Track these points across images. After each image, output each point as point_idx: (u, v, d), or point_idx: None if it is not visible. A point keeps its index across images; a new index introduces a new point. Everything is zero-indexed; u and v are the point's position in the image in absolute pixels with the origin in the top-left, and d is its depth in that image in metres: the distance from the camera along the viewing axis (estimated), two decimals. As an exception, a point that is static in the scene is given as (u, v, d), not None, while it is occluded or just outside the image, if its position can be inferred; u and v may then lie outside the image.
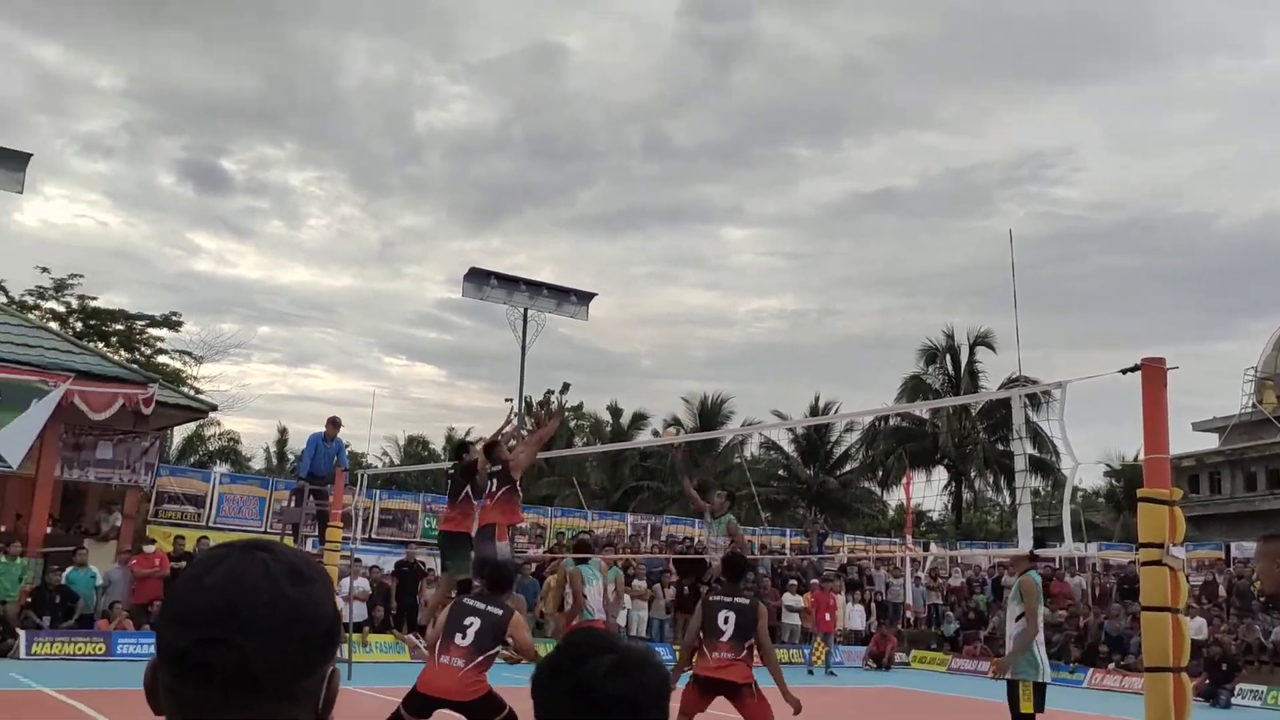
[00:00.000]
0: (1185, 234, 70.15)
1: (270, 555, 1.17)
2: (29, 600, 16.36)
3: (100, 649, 15.61)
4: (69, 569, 17.18)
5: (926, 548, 32.59)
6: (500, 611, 6.99)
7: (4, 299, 31.63)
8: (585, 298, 24.56)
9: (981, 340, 41.22)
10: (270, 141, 72.74)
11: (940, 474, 42.15)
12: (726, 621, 7.77)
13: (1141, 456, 5.69)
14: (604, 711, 1.42)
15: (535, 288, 23.87)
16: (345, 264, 75.11)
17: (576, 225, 76.34)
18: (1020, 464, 8.27)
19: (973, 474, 41.91)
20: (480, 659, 6.74)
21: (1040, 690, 8.25)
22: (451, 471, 10.34)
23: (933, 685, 18.73)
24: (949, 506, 43.53)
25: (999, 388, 35.43)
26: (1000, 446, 39.64)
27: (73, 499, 22.02)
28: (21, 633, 15.42)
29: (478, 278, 23.16)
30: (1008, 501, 41.57)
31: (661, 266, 77.45)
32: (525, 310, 23.39)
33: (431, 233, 75.01)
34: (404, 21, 73.85)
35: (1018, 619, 8.42)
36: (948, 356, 41.90)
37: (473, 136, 75.63)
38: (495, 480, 10.18)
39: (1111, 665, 20.46)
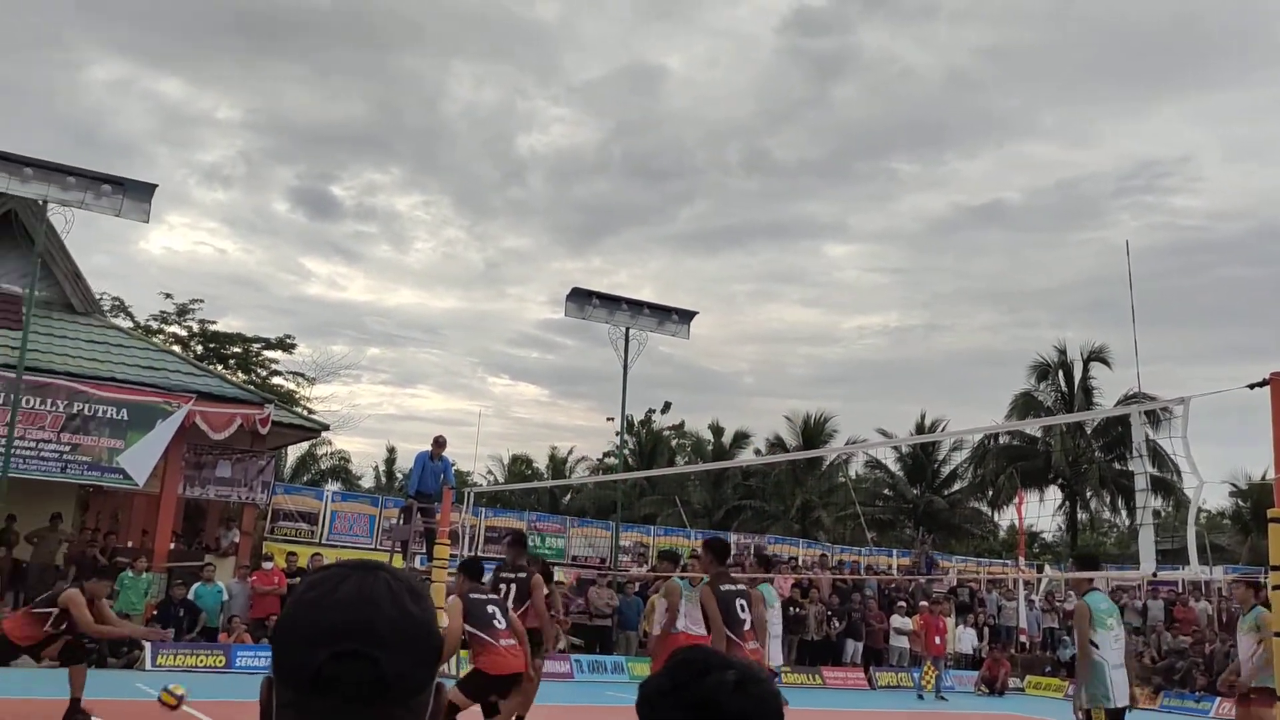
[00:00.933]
0: (1315, 242, 66.91)
1: (389, 574, 1.22)
2: (154, 613, 17.01)
3: (221, 661, 16.12)
4: (196, 584, 17.82)
5: (1040, 570, 31.61)
6: (524, 574, 8.28)
7: (131, 324, 33.12)
8: (687, 316, 24.53)
9: (1096, 355, 39.87)
10: (378, 168, 74.86)
11: (1054, 494, 40.85)
12: (743, 610, 8.07)
13: (1270, 475, 5.41)
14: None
15: (637, 307, 23.94)
16: (450, 286, 76.73)
17: (676, 243, 76.63)
18: (1140, 483, 7.96)
19: (1088, 494, 40.46)
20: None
21: (1116, 715, 8.05)
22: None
23: (1049, 712, 18.09)
24: (1063, 527, 42.15)
25: (1116, 404, 34.24)
26: (1117, 466, 38.24)
27: (193, 516, 22.87)
28: (147, 644, 16.03)
29: (580, 297, 23.33)
30: (1126, 523, 40.03)
31: (762, 283, 77.16)
32: (627, 329, 23.46)
33: (533, 254, 76.14)
34: (506, 46, 75.37)
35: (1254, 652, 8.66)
36: (1060, 373, 40.63)
37: (573, 158, 76.62)
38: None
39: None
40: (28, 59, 64.23)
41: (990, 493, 41.40)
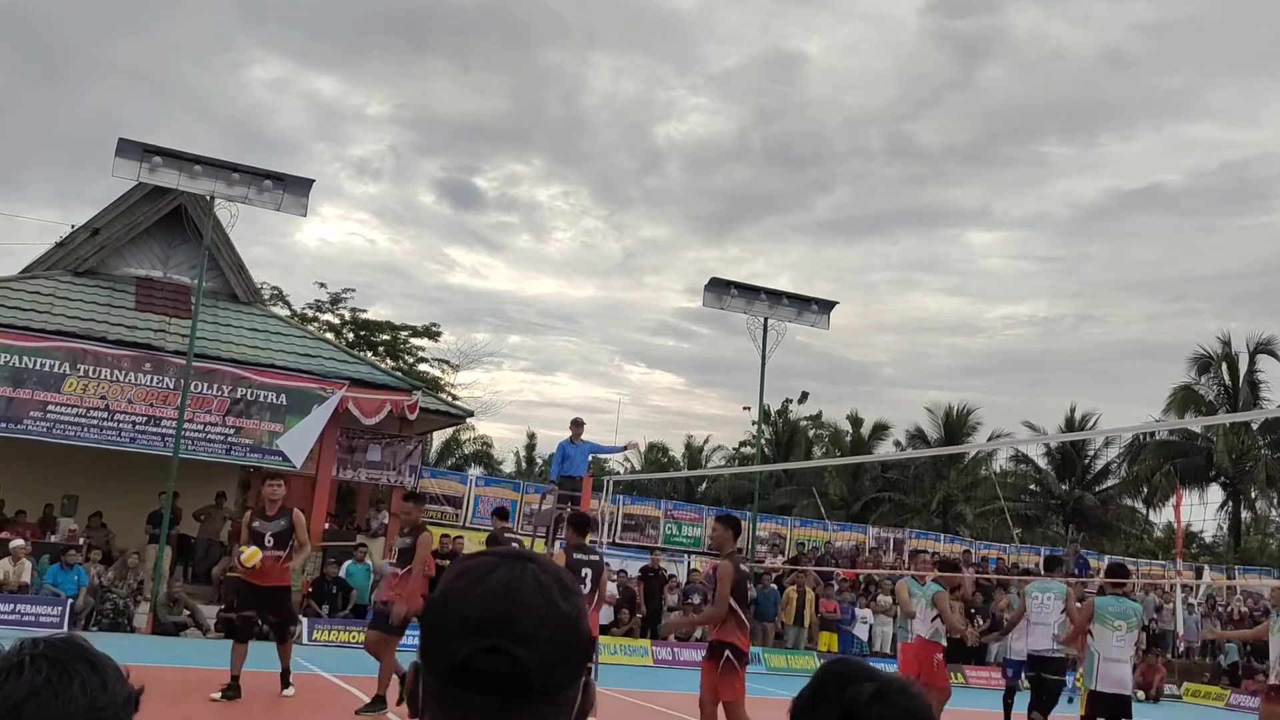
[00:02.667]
0: None
1: (538, 567, 1.19)
2: (309, 590, 17.81)
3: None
4: (348, 562, 18.57)
5: (1199, 573, 30.11)
6: (598, 557, 9.39)
7: (288, 312, 34.65)
8: (827, 306, 24.20)
9: (1264, 348, 37.63)
10: (519, 159, 76.21)
11: (1215, 492, 38.80)
12: (584, 580, 8.95)
13: None
14: None
15: (775, 297, 23.73)
16: (588, 275, 77.57)
17: (814, 231, 75.66)
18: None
19: (1253, 493, 38.29)
20: None
21: (1095, 698, 9.11)
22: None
23: (1208, 722, 17.26)
24: (1224, 528, 40.01)
25: (1284, 399, 32.28)
26: (1286, 464, 36.09)
27: (345, 497, 23.82)
28: (304, 620, 16.79)
29: (718, 287, 23.28)
30: (1295, 524, 37.77)
31: (903, 272, 75.49)
32: (765, 320, 23.30)
33: (670, 243, 76.33)
34: (644, 37, 75.55)
35: None
36: (1224, 365, 38.51)
37: (711, 146, 76.39)
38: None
39: None
40: (197, 62, 67.84)
41: (1145, 490, 39.60)
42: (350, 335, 36.98)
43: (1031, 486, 41.88)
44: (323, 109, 68.67)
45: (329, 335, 32.23)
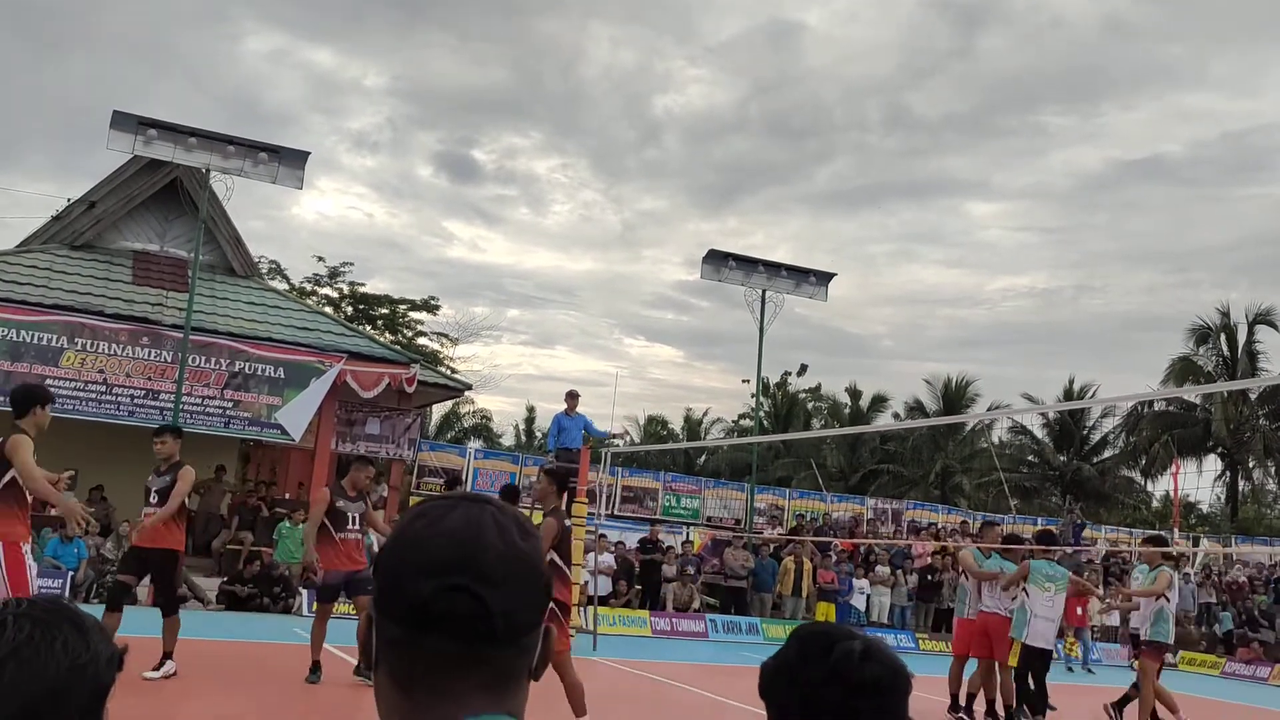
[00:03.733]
0: None
1: (496, 508, 1.16)
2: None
3: (370, 609, 16.85)
4: (343, 534, 18.64)
5: (1196, 542, 30.23)
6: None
7: (286, 286, 34.63)
8: (824, 278, 24.17)
9: (1263, 318, 37.62)
10: (517, 132, 75.86)
11: (1213, 463, 38.90)
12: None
13: None
14: (861, 693, 1.46)
15: (773, 269, 23.70)
16: (587, 248, 77.45)
17: (814, 203, 75.48)
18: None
19: (1251, 464, 38.41)
20: None
21: (1026, 650, 10.09)
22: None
23: (1203, 689, 17.39)
24: (1222, 498, 40.16)
25: (1283, 370, 32.30)
26: (1284, 434, 36.18)
27: (345, 471, 23.84)
28: (303, 592, 16.88)
29: (716, 259, 23.24)
30: (1292, 494, 37.89)
31: (902, 243, 75.41)
32: (763, 292, 23.27)
33: (669, 215, 76.15)
34: (642, 8, 75.06)
35: None
36: (1222, 336, 38.51)
37: (710, 118, 76.05)
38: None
39: None
40: (192, 32, 67.40)
41: (1143, 461, 39.73)
42: (349, 309, 36.98)
43: (1030, 458, 42.00)
44: (319, 81, 68.40)
45: (327, 309, 32.21)
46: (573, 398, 17.03)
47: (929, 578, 21.58)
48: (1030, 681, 10.29)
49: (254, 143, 18.78)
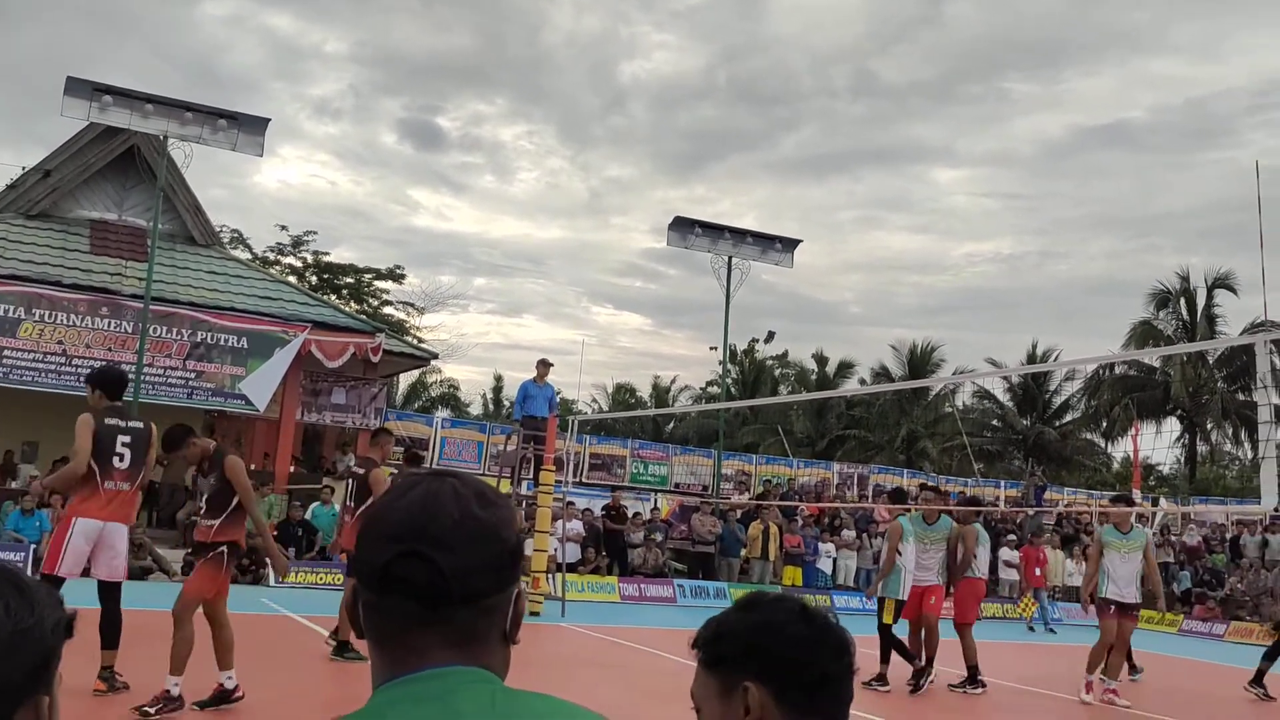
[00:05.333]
0: None
1: (458, 480, 1.25)
2: (275, 533, 17.80)
3: (338, 579, 16.81)
4: (314, 504, 18.57)
5: (1156, 503, 30.77)
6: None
7: (249, 255, 34.22)
8: (790, 244, 24.21)
9: (1221, 283, 38.14)
10: (482, 99, 75.26)
11: (1172, 425, 39.55)
12: (124, 448, 7.80)
13: None
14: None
15: (739, 235, 23.72)
16: (554, 215, 77.14)
17: (781, 170, 75.47)
18: (1265, 415, 7.66)
19: (1209, 426, 39.07)
20: None
21: (900, 605, 10.55)
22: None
23: (1161, 646, 17.77)
24: (1181, 460, 40.87)
25: (1241, 333, 32.81)
26: (1241, 396, 36.77)
27: (311, 441, 23.77)
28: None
29: (682, 226, 23.21)
30: (1248, 455, 38.60)
31: (869, 210, 75.70)
32: (729, 258, 23.29)
33: (636, 183, 75.93)
34: (608, -28, 74.32)
35: None
36: (1182, 300, 39.03)
37: (676, 85, 75.69)
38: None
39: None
40: (145, -3, 66.00)
41: (1104, 424, 40.31)
42: (313, 278, 36.63)
43: (994, 422, 42.46)
44: (279, 46, 67.34)
45: (291, 279, 31.88)
46: (544, 366, 16.98)
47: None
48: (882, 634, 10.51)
49: (213, 109, 18.49)
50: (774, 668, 1.47)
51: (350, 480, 10.39)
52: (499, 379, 49.95)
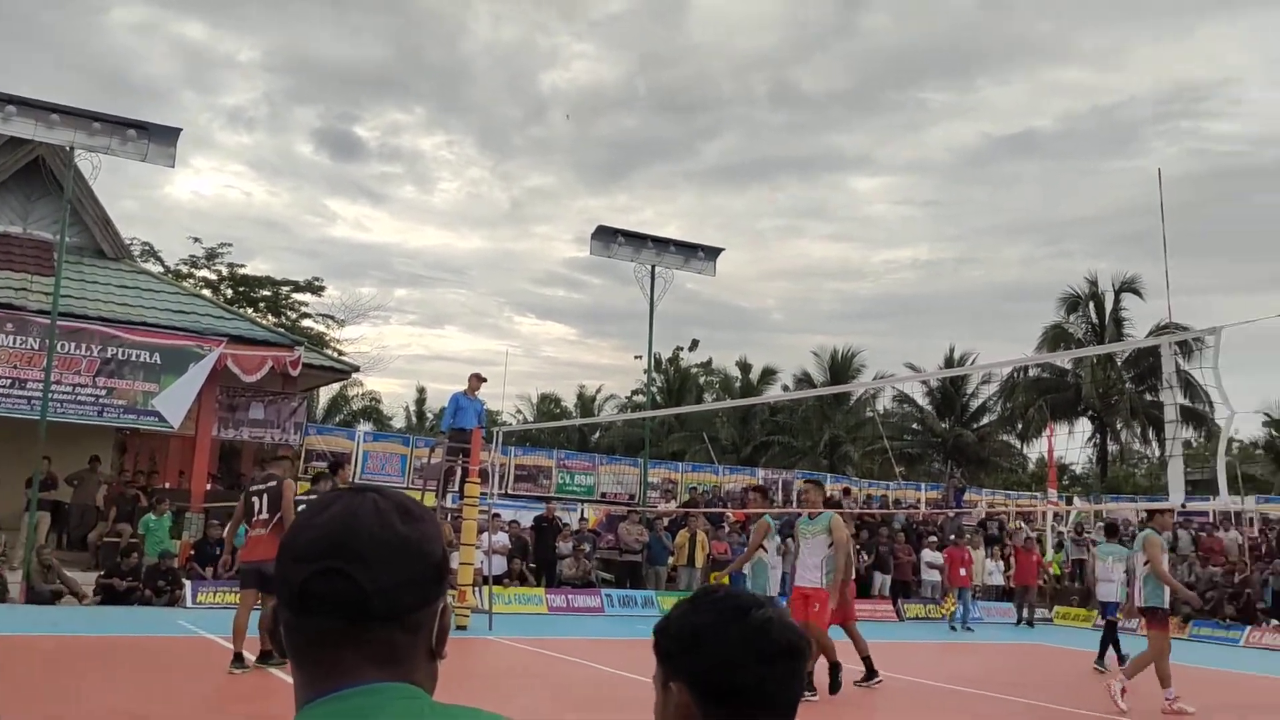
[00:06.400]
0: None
1: (379, 495, 1.21)
2: (192, 552, 17.36)
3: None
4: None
5: (1069, 502, 31.61)
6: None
7: (161, 269, 33.38)
8: (713, 253, 24.40)
9: (1128, 287, 39.41)
10: (400, 108, 74.38)
11: (1084, 426, 40.71)
12: None
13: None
14: (779, 659, 1.47)
15: (662, 244, 23.83)
16: (475, 225, 76.56)
17: (703, 179, 75.98)
18: (1170, 414, 7.92)
19: (1119, 426, 40.30)
20: None
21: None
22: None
23: (1077, 642, 18.23)
24: (1093, 460, 42.08)
25: (1147, 336, 33.89)
26: (1149, 397, 38.00)
27: (229, 457, 23.23)
28: (187, 583, 16.40)
29: (605, 235, 23.24)
30: (1156, 454, 39.88)
31: (790, 218, 76.52)
32: (653, 267, 23.37)
33: (558, 192, 75.77)
34: (527, -18, 74.19)
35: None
36: (1091, 304, 40.24)
37: (596, 94, 75.80)
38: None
39: (1274, 623, 19.52)
40: (55, 4, 64.06)
41: (1020, 426, 41.31)
42: (229, 292, 35.86)
43: (914, 426, 43.24)
44: (191, 55, 65.77)
45: (205, 292, 31.18)
46: (478, 379, 16.89)
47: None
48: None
49: (122, 119, 17.99)
50: (699, 672, 1.48)
51: (260, 495, 10.29)
52: (422, 391, 49.46)
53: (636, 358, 50.79)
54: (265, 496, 10.27)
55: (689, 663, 1.48)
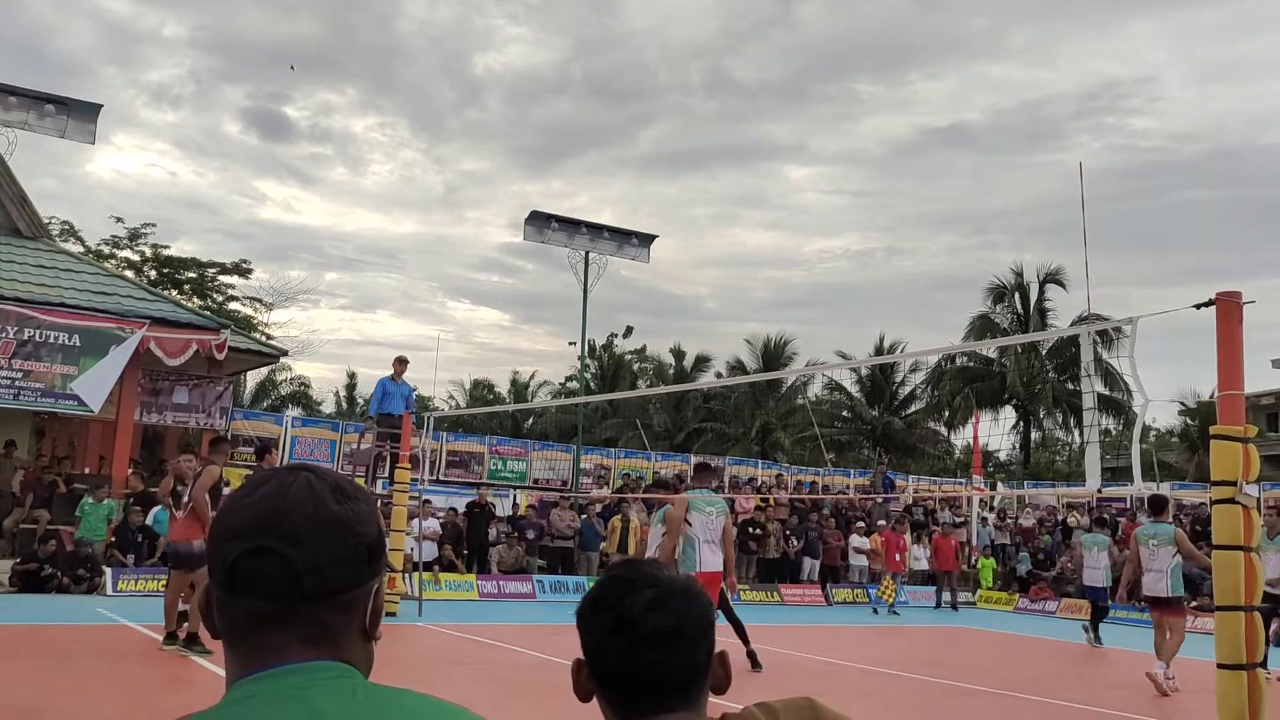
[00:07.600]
0: (1276, 164, 67.55)
1: (314, 474, 1.21)
2: (113, 539, 16.97)
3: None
4: (155, 509, 17.75)
5: (993, 488, 32.29)
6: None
7: (81, 248, 32.46)
8: (646, 240, 24.44)
9: (1052, 278, 40.35)
10: (332, 88, 73.21)
11: (1008, 414, 41.62)
12: None
13: (1217, 394, 5.53)
14: (648, 645, 1.46)
15: (596, 230, 23.81)
16: (408, 209, 75.79)
17: (637, 166, 76.03)
18: (1089, 402, 8.13)
19: (1041, 414, 41.29)
20: None
21: (707, 578, 10.11)
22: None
23: (1000, 624, 18.67)
24: (1017, 447, 43.05)
25: (1069, 326, 34.71)
26: (1070, 385, 38.96)
27: (151, 442, 22.72)
28: (108, 570, 16.03)
29: (538, 221, 23.15)
30: (1077, 441, 40.94)
31: (723, 206, 76.96)
32: (586, 253, 23.34)
33: (492, 176, 75.27)
34: (462, -37, 73.38)
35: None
36: (1016, 295, 41.11)
37: (532, 79, 75.36)
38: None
39: (1193, 604, 20.15)
40: (-38, -28, 61.66)
41: (946, 413, 42.09)
42: (152, 273, 35.00)
43: (844, 413, 43.80)
44: (113, 29, 64.00)
45: (128, 273, 30.38)
46: (401, 363, 16.75)
47: (750, 530, 22.30)
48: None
49: (39, 94, 17.48)
50: (587, 655, 1.53)
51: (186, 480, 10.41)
52: (353, 376, 48.87)
53: (570, 344, 50.73)
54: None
55: (582, 645, 1.53)
